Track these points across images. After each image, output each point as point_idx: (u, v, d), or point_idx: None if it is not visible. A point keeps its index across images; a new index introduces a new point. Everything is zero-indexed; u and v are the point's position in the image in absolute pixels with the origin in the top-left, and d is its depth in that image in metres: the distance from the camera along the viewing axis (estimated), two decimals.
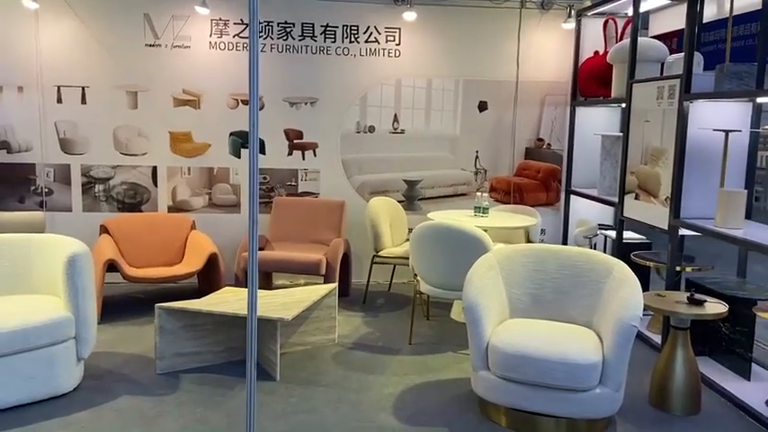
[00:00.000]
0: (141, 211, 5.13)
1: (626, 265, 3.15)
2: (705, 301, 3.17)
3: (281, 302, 3.57)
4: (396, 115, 5.35)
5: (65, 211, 5.09)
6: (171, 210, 5.18)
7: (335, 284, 3.96)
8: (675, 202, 3.81)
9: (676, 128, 3.79)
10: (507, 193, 5.54)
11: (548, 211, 5.60)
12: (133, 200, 5.14)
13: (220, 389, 3.28)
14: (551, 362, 2.78)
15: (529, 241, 4.90)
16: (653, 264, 4.17)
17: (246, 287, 4.65)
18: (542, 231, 5.59)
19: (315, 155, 5.30)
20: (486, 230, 4.05)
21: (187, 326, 3.52)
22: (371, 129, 5.34)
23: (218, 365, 3.56)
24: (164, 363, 3.46)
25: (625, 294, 2.95)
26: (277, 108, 5.20)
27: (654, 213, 4.08)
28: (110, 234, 4.62)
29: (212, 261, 4.55)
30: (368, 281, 4.92)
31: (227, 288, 4.07)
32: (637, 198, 4.32)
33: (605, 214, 5.68)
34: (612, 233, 4.92)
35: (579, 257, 3.29)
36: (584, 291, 3.24)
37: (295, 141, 5.27)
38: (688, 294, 3.24)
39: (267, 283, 5.15)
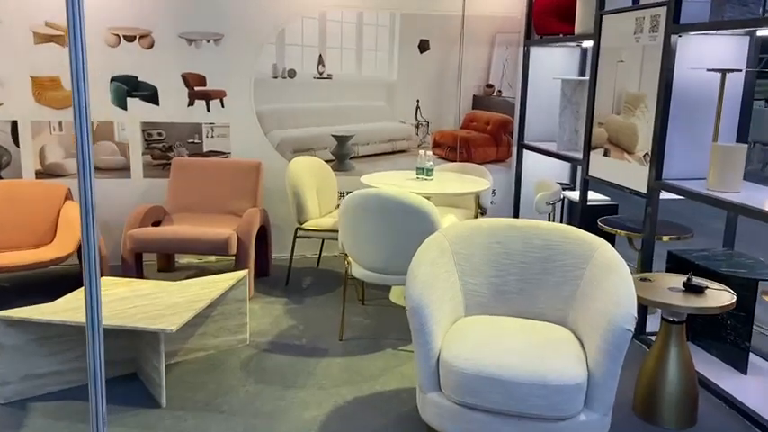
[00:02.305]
0: (0, 178, 4.08)
1: (610, 247, 2.47)
2: (706, 287, 2.54)
3: (168, 303, 2.73)
4: (321, 57, 4.45)
5: None
6: (40, 175, 4.15)
7: (245, 272, 3.13)
8: (657, 159, 3.16)
9: (661, 68, 3.09)
10: (453, 149, 4.79)
11: (498, 169, 4.89)
12: None
13: (82, 423, 2.44)
14: (524, 384, 2.08)
15: (479, 206, 4.19)
16: (624, 233, 3.54)
17: (137, 276, 3.78)
18: (493, 192, 4.90)
19: (222, 105, 4.35)
20: (429, 198, 3.30)
21: (41, 338, 2.63)
22: (291, 73, 4.42)
23: (84, 388, 2.71)
24: (9, 389, 2.58)
25: (612, 286, 2.27)
26: (171, 47, 4.19)
27: (628, 173, 3.42)
28: None
29: None
30: (290, 259, 4.10)
31: (105, 279, 3.18)
32: (606, 154, 3.66)
33: (563, 172, 5.04)
34: (573, 194, 4.27)
35: (551, 236, 2.59)
36: (557, 278, 2.55)
37: (196, 89, 4.29)
38: (684, 279, 2.60)
39: (168, 264, 4.26)
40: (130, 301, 2.73)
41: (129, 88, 4.17)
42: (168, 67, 4.20)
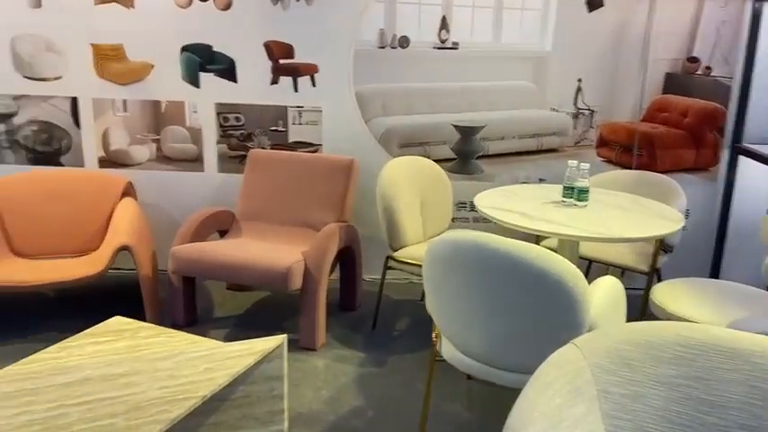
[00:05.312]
0: (61, 164, 3.51)
1: None
2: None
3: (139, 398, 1.82)
4: (444, 19, 3.27)
5: None
6: (103, 164, 3.52)
7: (281, 340, 2.14)
8: None
9: None
10: (628, 150, 3.38)
11: (696, 181, 3.39)
12: (48, 147, 3.51)
13: None
14: None
15: (661, 243, 2.79)
16: None
17: (185, 303, 2.92)
18: (686, 213, 3.40)
19: (314, 84, 3.38)
20: (571, 243, 2.05)
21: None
22: (404, 42, 3.30)
23: None
24: None
25: None
26: (252, 6, 3.28)
27: None
28: None
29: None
30: (379, 298, 3.06)
31: (113, 322, 2.38)
32: None
33: None
34: None
35: None
36: None
37: (282, 62, 3.36)
38: None
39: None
40: (84, 389, 1.87)
41: (202, 60, 3.35)
42: (248, 34, 3.31)
